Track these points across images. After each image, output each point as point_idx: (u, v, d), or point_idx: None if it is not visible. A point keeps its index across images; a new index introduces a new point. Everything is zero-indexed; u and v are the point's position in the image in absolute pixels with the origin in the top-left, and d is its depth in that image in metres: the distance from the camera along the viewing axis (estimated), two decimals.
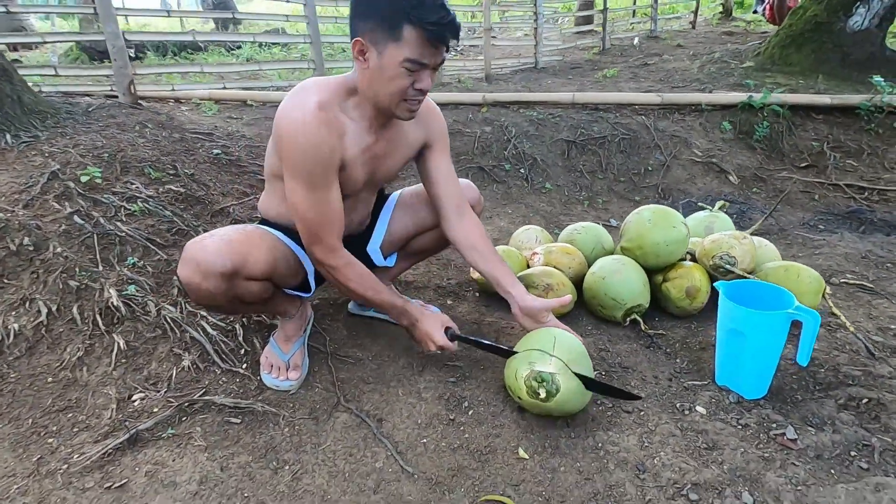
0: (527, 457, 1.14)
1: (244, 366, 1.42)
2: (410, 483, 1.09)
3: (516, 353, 1.25)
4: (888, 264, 2.06)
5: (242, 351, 1.47)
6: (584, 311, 1.72)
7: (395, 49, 1.05)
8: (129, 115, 2.41)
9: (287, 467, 1.13)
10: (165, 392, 1.31)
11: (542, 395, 1.13)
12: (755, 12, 8.50)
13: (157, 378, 1.35)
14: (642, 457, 1.12)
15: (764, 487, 1.02)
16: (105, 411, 1.25)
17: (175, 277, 1.59)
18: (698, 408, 1.26)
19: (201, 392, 1.31)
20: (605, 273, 1.62)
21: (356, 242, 1.47)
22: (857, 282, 1.89)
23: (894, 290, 1.83)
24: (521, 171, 2.98)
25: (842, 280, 1.91)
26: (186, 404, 1.27)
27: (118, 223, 1.65)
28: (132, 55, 3.50)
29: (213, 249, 1.12)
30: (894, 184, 3.00)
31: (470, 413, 1.28)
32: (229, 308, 1.29)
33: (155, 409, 1.26)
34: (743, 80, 3.98)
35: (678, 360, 1.47)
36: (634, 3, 7.61)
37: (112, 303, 1.45)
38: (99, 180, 1.75)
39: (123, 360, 1.37)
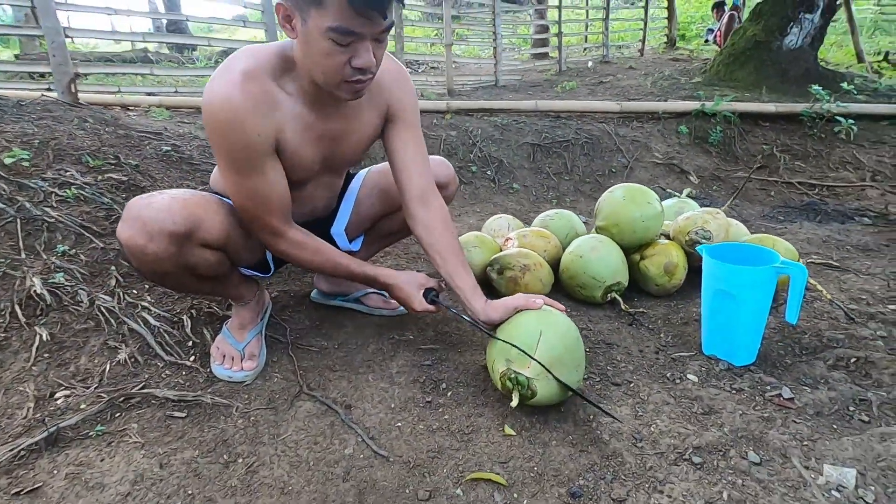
0: (514, 433, 1.03)
1: (192, 358, 1.26)
2: (385, 468, 0.95)
3: (496, 338, 1.10)
4: (848, 247, 2.11)
5: (190, 343, 1.31)
6: (561, 294, 1.64)
7: (318, 15, 0.87)
8: (69, 110, 2.23)
9: (240, 460, 0.98)
10: (96, 388, 1.13)
11: (515, 400, 1.01)
12: (706, 42, 9.09)
13: (88, 374, 1.17)
14: (638, 426, 1.03)
15: (769, 445, 0.94)
16: (19, 410, 1.06)
17: (113, 268, 1.42)
18: (689, 376, 1.19)
19: (139, 386, 1.14)
20: (582, 251, 1.56)
21: (319, 225, 1.35)
22: (823, 261, 1.92)
23: (858, 267, 1.86)
24: (488, 172, 2.95)
25: (808, 261, 1.93)
26: (121, 399, 1.10)
27: (47, 209, 1.47)
28: (78, 73, 3.29)
29: (162, 206, 0.97)
30: (842, 180, 3.15)
31: (449, 394, 1.16)
32: (178, 281, 1.11)
33: (82, 406, 1.08)
34: (694, 93, 4.16)
35: (662, 336, 1.41)
36: (587, 29, 7.96)
37: (35, 292, 1.26)
38: (27, 164, 1.57)
39: (46, 355, 1.18)
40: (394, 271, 1.23)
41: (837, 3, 4.86)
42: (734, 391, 1.13)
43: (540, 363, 1.01)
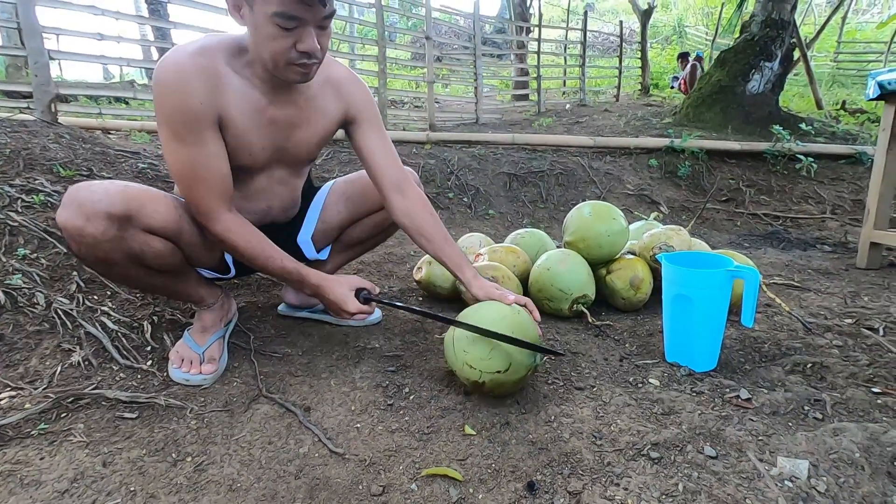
0: (474, 433, 1.01)
1: (149, 363, 1.23)
2: (339, 466, 0.93)
3: (445, 318, 1.12)
4: (809, 270, 2.18)
5: (149, 348, 1.28)
6: None
7: (262, 2, 0.93)
8: (46, 127, 2.24)
9: (189, 459, 0.94)
10: (45, 389, 1.09)
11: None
12: (672, 87, 9.60)
13: (37, 375, 1.13)
14: (598, 425, 1.03)
15: (725, 441, 0.95)
16: None
17: (74, 273, 1.40)
18: (651, 380, 1.20)
19: (91, 387, 1.10)
20: (550, 264, 1.59)
21: (285, 233, 1.36)
22: (785, 282, 1.97)
23: (818, 287, 1.92)
24: (465, 199, 3.00)
25: (771, 282, 1.98)
26: (69, 400, 1.06)
27: (11, 213, 1.46)
28: (59, 94, 3.33)
29: (99, 189, 0.97)
30: (804, 213, 3.28)
31: (411, 398, 1.14)
32: (125, 273, 1.07)
33: (26, 406, 1.03)
34: (664, 132, 4.35)
35: (627, 346, 1.42)
36: (565, 74, 8.34)
37: None
38: None
39: None
40: (325, 273, 1.21)
41: (794, 52, 5.21)
42: (694, 394, 1.14)
43: (498, 334, 1.04)
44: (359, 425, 1.05)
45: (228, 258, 1.26)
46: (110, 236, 0.97)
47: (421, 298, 1.76)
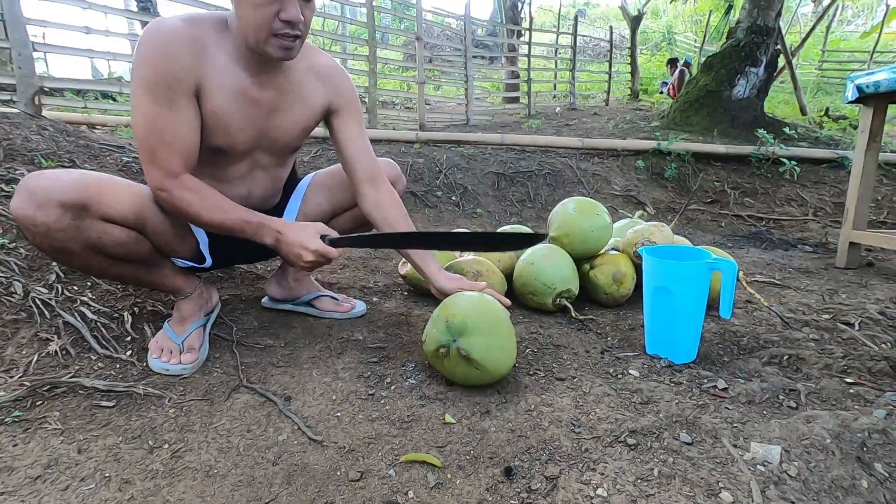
0: (454, 421, 1.02)
1: (128, 353, 1.22)
2: (318, 453, 0.93)
3: (428, 233, 1.13)
4: (790, 269, 2.22)
5: (129, 338, 1.27)
6: (515, 303, 1.66)
7: None
8: (29, 119, 2.21)
9: (166, 446, 0.93)
10: (20, 377, 1.08)
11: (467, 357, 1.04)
12: (661, 93, 9.72)
13: (13, 364, 1.12)
14: (577, 414, 1.04)
15: (701, 428, 0.96)
16: None
17: (54, 264, 1.38)
18: (631, 371, 1.21)
19: (68, 376, 1.09)
20: (534, 259, 1.60)
21: None
22: (767, 280, 2.00)
23: (798, 285, 1.95)
24: (453, 198, 3.01)
25: (752, 279, 2.01)
26: (45, 388, 1.05)
27: None
28: (43, 87, 3.29)
29: (52, 177, 0.96)
30: (786, 215, 3.33)
31: (392, 388, 1.15)
32: (87, 262, 1.05)
33: (1, 394, 1.02)
34: (652, 134, 4.40)
35: (609, 339, 1.43)
36: (556, 78, 8.41)
37: None
38: None
39: None
40: (288, 221, 1.16)
41: (779, 58, 5.30)
42: (673, 384, 1.15)
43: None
44: (339, 414, 1.05)
45: (203, 247, 1.24)
46: (64, 225, 0.95)
47: (406, 293, 1.76)
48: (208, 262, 1.28)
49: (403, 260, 1.75)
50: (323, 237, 1.13)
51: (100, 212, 0.99)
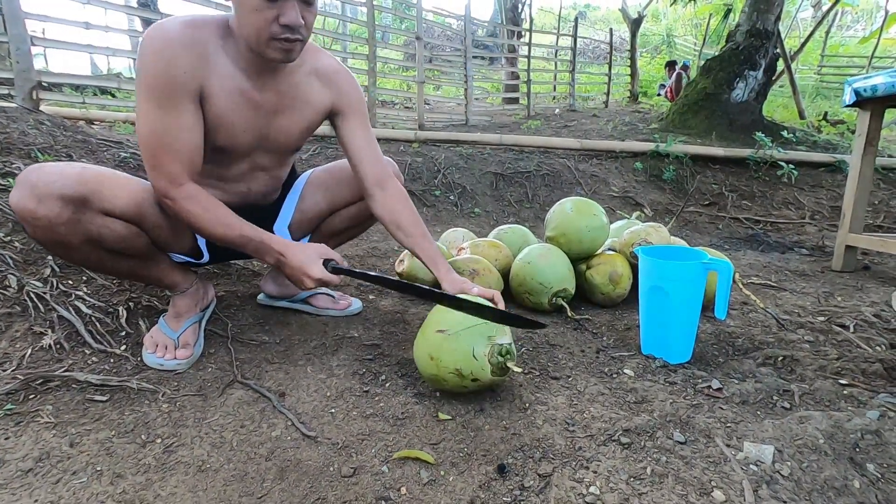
0: (448, 418, 1.02)
1: (122, 347, 1.21)
2: (311, 449, 0.92)
3: (428, 289, 1.11)
4: (786, 271, 2.22)
5: (123, 333, 1.26)
6: (511, 303, 1.67)
7: None
8: (27, 114, 2.20)
9: (159, 441, 0.93)
10: (13, 371, 1.07)
11: (517, 367, 1.03)
12: (658, 95, 9.74)
13: (6, 357, 1.11)
14: (572, 413, 1.04)
15: (695, 428, 0.96)
16: None
17: (49, 258, 1.38)
18: (626, 371, 1.21)
19: (61, 370, 1.09)
20: (531, 258, 1.60)
21: (262, 221, 1.35)
22: (763, 282, 2.01)
23: (794, 287, 1.95)
24: (451, 197, 3.01)
25: (748, 281, 2.02)
26: (38, 381, 1.05)
27: None
28: (41, 82, 3.28)
29: (53, 170, 0.95)
30: (783, 218, 3.34)
31: (387, 385, 1.14)
32: (86, 256, 1.05)
33: None
34: (650, 137, 4.41)
35: (604, 339, 1.44)
36: (555, 79, 8.42)
37: None
38: None
39: None
40: (290, 241, 1.15)
41: (777, 62, 5.31)
42: (667, 384, 1.15)
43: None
44: (333, 410, 1.05)
45: (201, 243, 1.24)
46: (65, 219, 0.95)
47: None
48: (206, 257, 1.27)
49: (400, 258, 1.75)
50: (325, 262, 1.13)
51: (101, 206, 0.99)
